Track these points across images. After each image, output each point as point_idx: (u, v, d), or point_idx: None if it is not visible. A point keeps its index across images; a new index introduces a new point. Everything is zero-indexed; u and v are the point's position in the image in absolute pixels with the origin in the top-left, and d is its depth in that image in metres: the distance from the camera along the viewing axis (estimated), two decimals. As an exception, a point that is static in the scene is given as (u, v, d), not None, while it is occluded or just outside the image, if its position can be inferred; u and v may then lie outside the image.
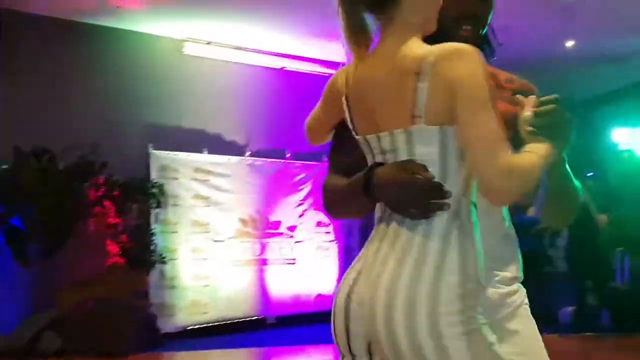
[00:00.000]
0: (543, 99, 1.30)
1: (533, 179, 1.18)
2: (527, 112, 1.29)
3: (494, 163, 1.12)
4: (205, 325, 6.29)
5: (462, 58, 1.15)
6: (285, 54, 7.31)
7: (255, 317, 6.66)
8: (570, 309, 6.64)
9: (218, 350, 5.52)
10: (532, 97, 1.33)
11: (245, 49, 7.03)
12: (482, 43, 1.46)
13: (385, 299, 1.16)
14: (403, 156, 1.21)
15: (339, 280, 5.65)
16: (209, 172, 6.58)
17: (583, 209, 6.44)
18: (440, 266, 1.15)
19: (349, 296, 1.30)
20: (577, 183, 1.49)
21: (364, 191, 1.28)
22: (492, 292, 1.31)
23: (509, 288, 1.38)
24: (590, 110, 9.06)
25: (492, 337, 1.18)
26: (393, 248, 1.20)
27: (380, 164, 1.27)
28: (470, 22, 1.39)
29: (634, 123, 8.24)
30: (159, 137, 6.43)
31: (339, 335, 1.33)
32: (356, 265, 1.34)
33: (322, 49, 7.16)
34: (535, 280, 6.06)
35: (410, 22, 1.23)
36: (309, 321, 6.87)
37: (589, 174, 7.56)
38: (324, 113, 1.45)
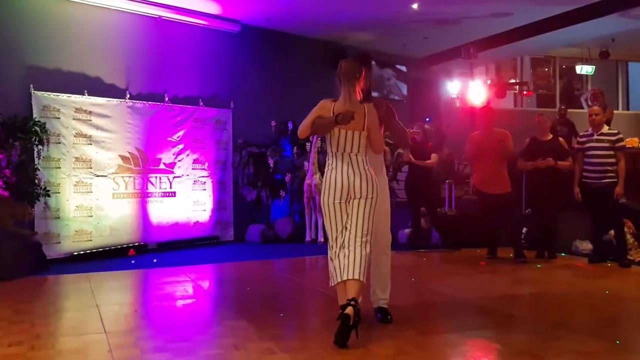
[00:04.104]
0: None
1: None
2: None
3: (382, 142, 3.63)
4: (90, 251, 6.79)
5: (375, 108, 3.54)
6: (162, 4, 7.61)
7: (138, 244, 7.23)
8: (407, 230, 7.81)
9: (101, 272, 5.79)
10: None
11: (123, -4, 7.30)
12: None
13: (357, 180, 3.46)
14: (356, 140, 3.44)
15: (214, 209, 6.87)
16: (90, 113, 6.93)
17: (421, 151, 7.46)
18: (367, 168, 3.49)
19: (347, 178, 3.43)
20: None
21: (335, 120, 3.40)
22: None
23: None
24: (430, 66, 10.28)
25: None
26: (350, 165, 3.46)
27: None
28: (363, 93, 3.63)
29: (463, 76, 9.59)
30: (39, 78, 6.67)
31: (337, 191, 3.40)
32: (336, 170, 3.47)
33: (196, 1, 7.63)
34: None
35: (360, 88, 3.51)
36: (187, 246, 7.60)
37: (427, 119, 8.78)
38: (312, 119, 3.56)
